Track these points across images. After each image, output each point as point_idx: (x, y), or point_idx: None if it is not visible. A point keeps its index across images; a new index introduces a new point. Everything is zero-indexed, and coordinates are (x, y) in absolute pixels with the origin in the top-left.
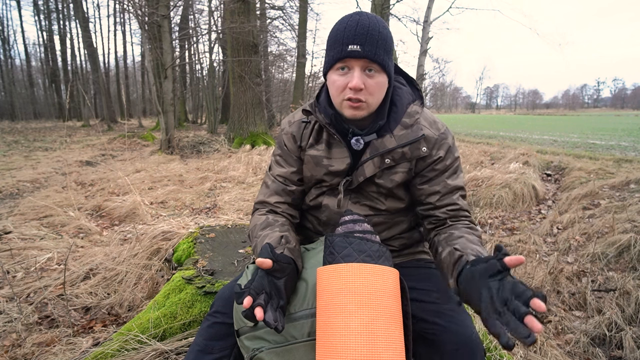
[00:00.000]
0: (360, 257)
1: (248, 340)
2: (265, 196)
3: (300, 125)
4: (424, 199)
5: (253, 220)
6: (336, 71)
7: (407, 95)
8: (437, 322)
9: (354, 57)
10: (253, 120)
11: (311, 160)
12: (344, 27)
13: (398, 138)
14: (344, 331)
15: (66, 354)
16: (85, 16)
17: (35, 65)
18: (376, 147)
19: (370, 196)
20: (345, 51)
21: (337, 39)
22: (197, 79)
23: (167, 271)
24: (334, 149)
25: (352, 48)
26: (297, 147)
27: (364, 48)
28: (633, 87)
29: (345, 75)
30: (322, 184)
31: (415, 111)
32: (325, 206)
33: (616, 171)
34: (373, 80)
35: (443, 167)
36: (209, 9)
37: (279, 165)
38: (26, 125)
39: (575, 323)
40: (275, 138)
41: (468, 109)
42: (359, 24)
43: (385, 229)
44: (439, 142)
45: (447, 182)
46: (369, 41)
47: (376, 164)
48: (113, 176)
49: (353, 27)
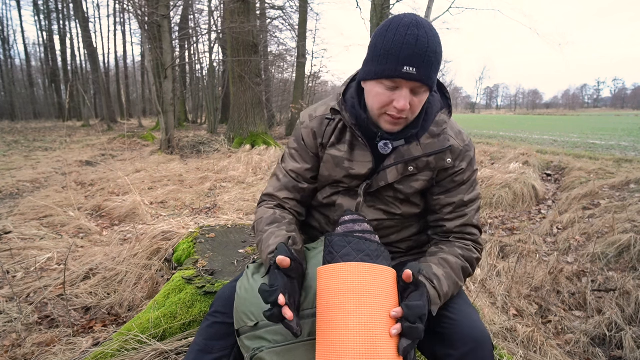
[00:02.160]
0: (359, 257)
1: (248, 340)
2: (274, 189)
3: (323, 121)
4: (438, 209)
5: (260, 212)
6: (382, 85)
7: (437, 102)
8: (447, 316)
9: (408, 79)
10: (253, 120)
11: (331, 160)
12: (401, 43)
13: (424, 147)
14: (343, 330)
15: (66, 354)
16: (85, 16)
17: (35, 65)
18: (402, 154)
19: (387, 201)
20: (400, 72)
21: (392, 54)
22: (197, 79)
23: (167, 271)
24: (356, 151)
25: (408, 70)
26: (316, 144)
27: (419, 72)
28: (633, 87)
29: (391, 91)
30: (340, 185)
31: (443, 120)
32: (339, 205)
33: (616, 171)
34: (418, 99)
35: (462, 180)
36: (209, 9)
37: (294, 159)
38: (26, 125)
39: (575, 323)
40: (275, 138)
41: (468, 109)
42: (419, 41)
43: (395, 232)
44: (462, 154)
45: (464, 196)
46: (426, 64)
47: (399, 170)
48: (113, 176)
49: (412, 45)
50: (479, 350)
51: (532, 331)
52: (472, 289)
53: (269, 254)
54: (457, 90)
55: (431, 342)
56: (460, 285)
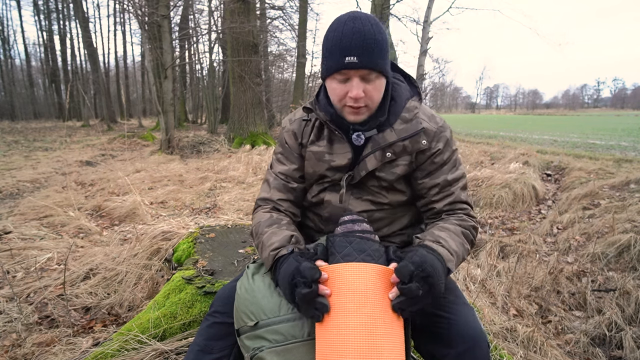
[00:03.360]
0: (360, 257)
1: (248, 339)
2: (267, 193)
3: (301, 123)
4: (425, 192)
5: (257, 217)
6: (335, 79)
7: (405, 91)
8: (443, 315)
9: (351, 68)
10: (253, 120)
11: (313, 156)
12: (340, 36)
13: (398, 132)
14: (343, 330)
15: (66, 354)
16: (85, 16)
17: (35, 65)
18: (377, 142)
19: (372, 191)
20: (343, 63)
21: (334, 48)
22: (197, 79)
23: (167, 271)
24: (335, 145)
25: (350, 60)
26: (298, 144)
27: (361, 59)
28: (633, 87)
29: (344, 84)
30: (324, 179)
31: (414, 106)
32: (327, 202)
33: (616, 171)
34: (371, 86)
35: (442, 161)
36: (209, 9)
37: (281, 162)
38: (26, 125)
39: (575, 323)
40: (275, 138)
41: (468, 109)
42: (354, 32)
43: (386, 225)
44: (437, 135)
45: (447, 176)
46: (366, 51)
47: (378, 157)
48: (113, 176)
49: (349, 36)
50: (476, 348)
51: (532, 331)
52: (472, 289)
53: (271, 250)
54: (457, 90)
55: (428, 341)
56: (467, 248)
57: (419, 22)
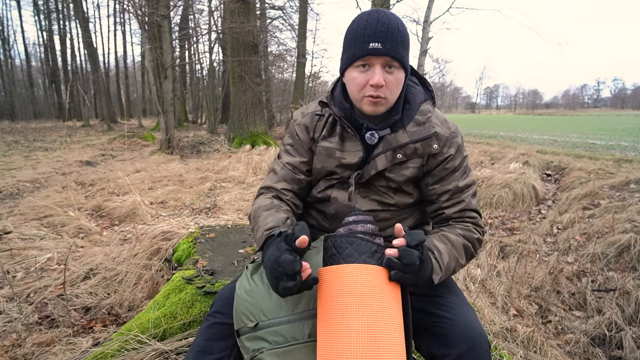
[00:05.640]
0: (362, 258)
1: (248, 340)
2: (272, 182)
3: (314, 117)
4: (435, 198)
5: (257, 202)
6: (356, 68)
7: (420, 94)
8: (444, 316)
9: (375, 54)
10: (253, 120)
11: (323, 152)
12: (365, 25)
13: (411, 134)
14: (345, 332)
15: (66, 354)
16: (85, 16)
17: (35, 65)
18: (389, 142)
19: (379, 191)
20: (367, 49)
21: (358, 36)
22: (197, 79)
23: (167, 271)
24: (347, 142)
25: (374, 46)
26: (309, 138)
27: (385, 45)
28: (633, 87)
29: (365, 73)
30: (332, 176)
31: (428, 110)
32: (334, 199)
33: (616, 171)
34: (393, 77)
35: (453, 167)
36: (209, 9)
37: (289, 154)
38: (26, 125)
39: (575, 323)
40: (275, 138)
41: (468, 109)
42: (379, 21)
43: (390, 226)
44: (449, 140)
45: (458, 182)
46: (390, 38)
47: (388, 158)
48: (113, 176)
49: (373, 25)
50: (477, 349)
51: (532, 331)
52: (472, 289)
53: (265, 230)
54: (457, 90)
55: (428, 342)
56: (461, 263)
57: (419, 22)
